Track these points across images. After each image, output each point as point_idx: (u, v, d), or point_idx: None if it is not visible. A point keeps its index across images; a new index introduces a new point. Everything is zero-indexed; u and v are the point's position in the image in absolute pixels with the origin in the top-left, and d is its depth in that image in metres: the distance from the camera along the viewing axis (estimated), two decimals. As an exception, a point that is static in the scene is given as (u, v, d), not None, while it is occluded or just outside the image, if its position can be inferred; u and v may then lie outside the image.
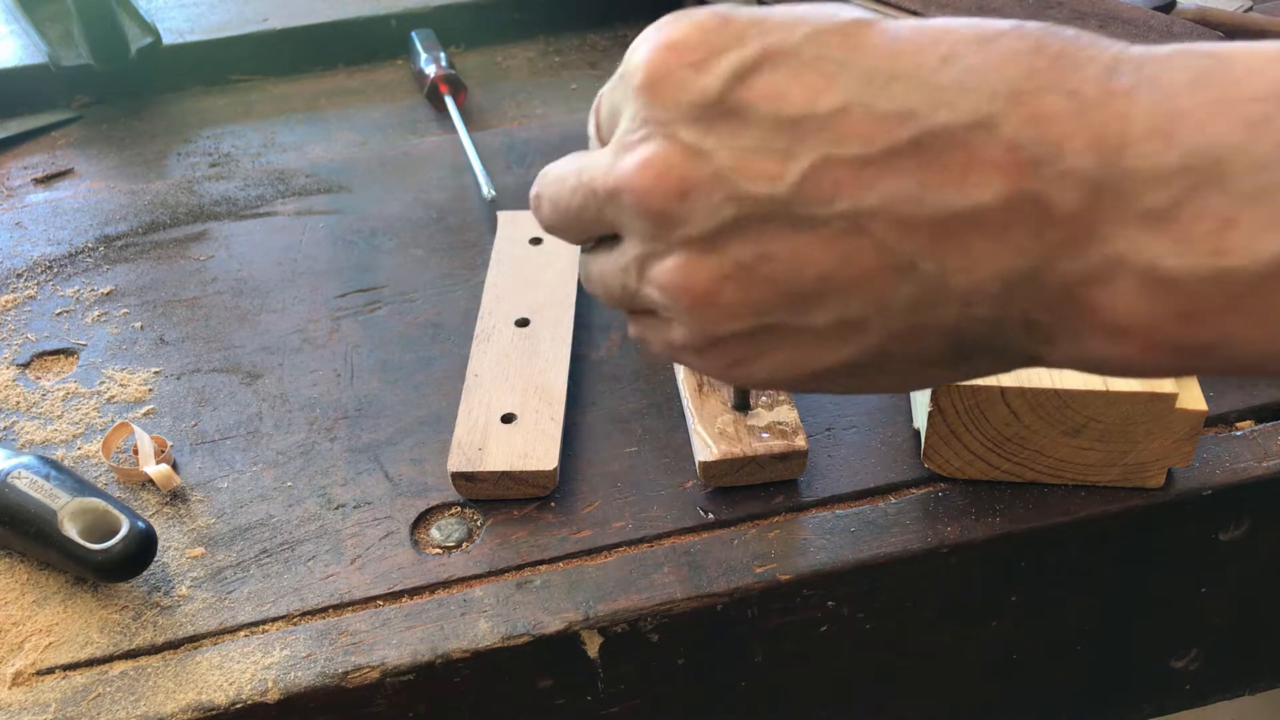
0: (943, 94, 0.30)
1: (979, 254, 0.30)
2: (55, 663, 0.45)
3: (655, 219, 0.33)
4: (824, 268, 0.32)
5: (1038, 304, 0.31)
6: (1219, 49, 0.29)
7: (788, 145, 0.31)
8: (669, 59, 0.33)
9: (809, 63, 0.32)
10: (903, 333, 0.32)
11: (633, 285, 0.36)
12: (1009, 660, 0.53)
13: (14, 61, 0.80)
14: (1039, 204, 0.29)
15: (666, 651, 0.47)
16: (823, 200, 0.31)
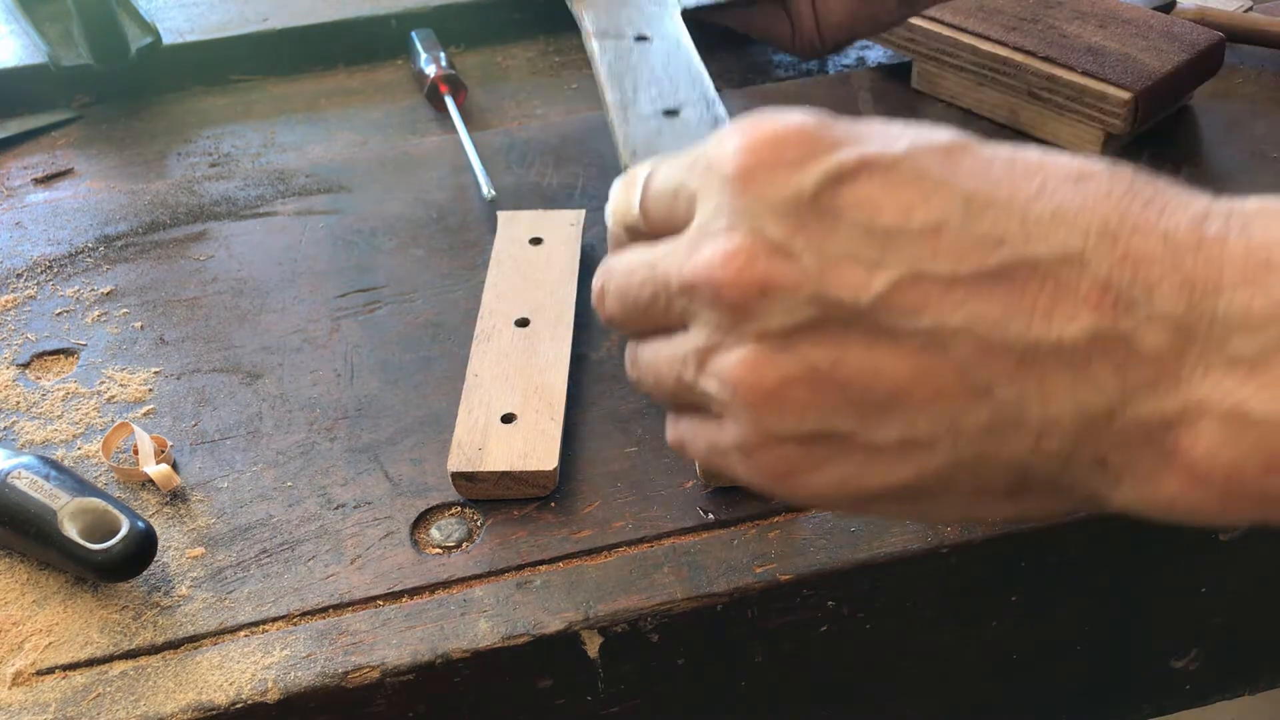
0: (1036, 226, 0.30)
1: (1059, 387, 0.30)
2: (55, 663, 0.45)
3: (731, 311, 0.33)
4: (899, 382, 0.31)
5: (1113, 443, 0.31)
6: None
7: (878, 255, 0.31)
8: (765, 154, 0.33)
9: (906, 177, 0.32)
10: (970, 460, 0.32)
11: (689, 376, 0.35)
12: (1009, 660, 0.53)
13: (14, 61, 0.80)
14: (1126, 344, 0.30)
15: (666, 651, 0.47)
16: (907, 314, 0.31)
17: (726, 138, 0.34)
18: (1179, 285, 0.29)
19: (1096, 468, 0.31)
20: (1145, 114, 0.68)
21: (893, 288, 0.31)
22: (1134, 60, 0.68)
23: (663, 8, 0.57)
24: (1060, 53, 0.69)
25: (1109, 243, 0.30)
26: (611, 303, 0.38)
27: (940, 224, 0.31)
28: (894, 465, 0.33)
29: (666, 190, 0.36)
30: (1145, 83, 0.67)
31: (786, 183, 0.32)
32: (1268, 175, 0.68)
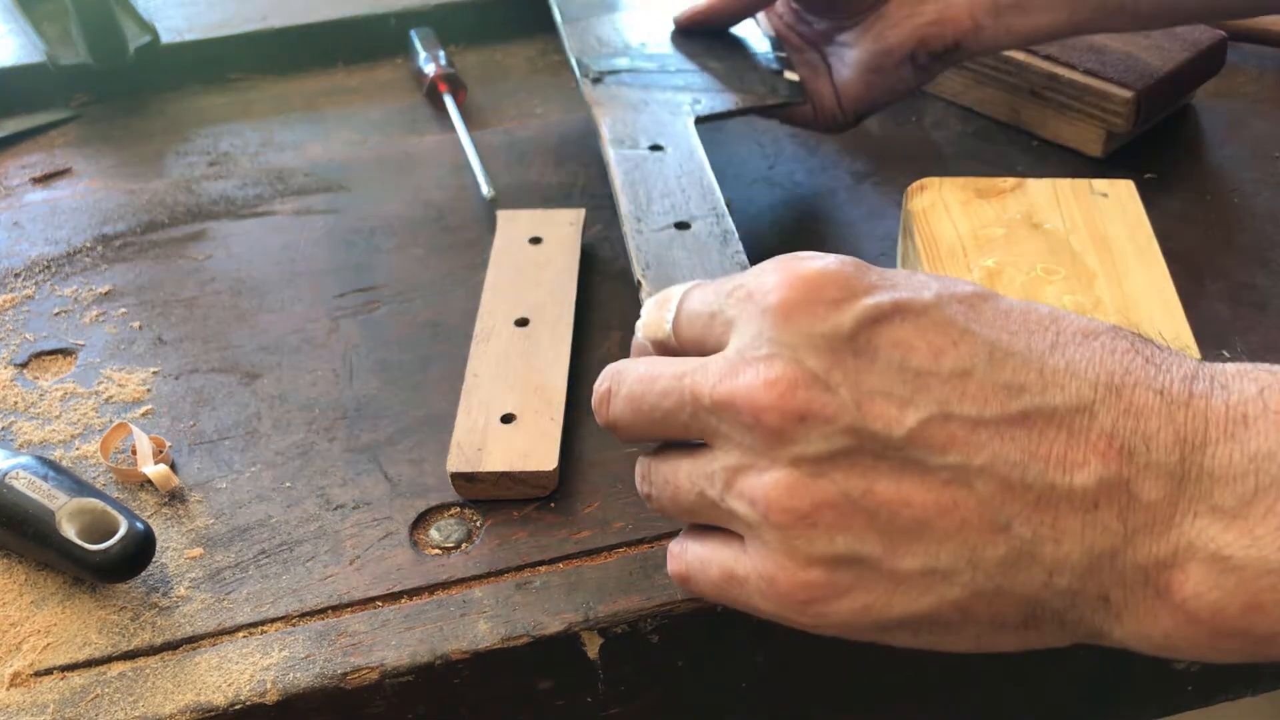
0: (1053, 376, 0.33)
1: (1069, 528, 0.33)
2: (53, 663, 0.45)
3: (768, 434, 0.34)
4: (925, 512, 0.33)
5: (1115, 581, 0.33)
6: (1275, 368, 0.33)
7: (910, 394, 0.34)
8: (807, 291, 0.35)
9: (936, 323, 0.34)
10: (987, 592, 0.34)
11: (713, 494, 0.36)
12: (1009, 660, 0.53)
13: (12, 60, 0.80)
14: (1128, 490, 0.32)
15: (667, 652, 0.47)
16: (935, 450, 0.33)
17: (767, 273, 0.36)
18: (1173, 437, 0.32)
19: (1100, 604, 0.34)
20: (1147, 113, 0.68)
21: (923, 424, 0.33)
22: (1135, 59, 0.68)
23: (677, 116, 0.60)
24: (1062, 51, 0.69)
25: (1114, 396, 0.33)
26: (620, 405, 0.39)
27: (968, 369, 0.34)
28: (916, 594, 0.34)
29: (702, 313, 0.38)
30: (1147, 81, 0.67)
31: (826, 319, 0.34)
32: (1268, 175, 0.68)
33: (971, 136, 0.72)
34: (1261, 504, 0.31)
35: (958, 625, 0.35)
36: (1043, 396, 0.33)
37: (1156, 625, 0.33)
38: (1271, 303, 0.59)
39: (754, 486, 0.35)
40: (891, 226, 0.64)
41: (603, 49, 0.65)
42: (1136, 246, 0.55)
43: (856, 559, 0.34)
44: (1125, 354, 0.34)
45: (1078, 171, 0.68)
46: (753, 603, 0.37)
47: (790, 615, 0.36)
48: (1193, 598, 0.32)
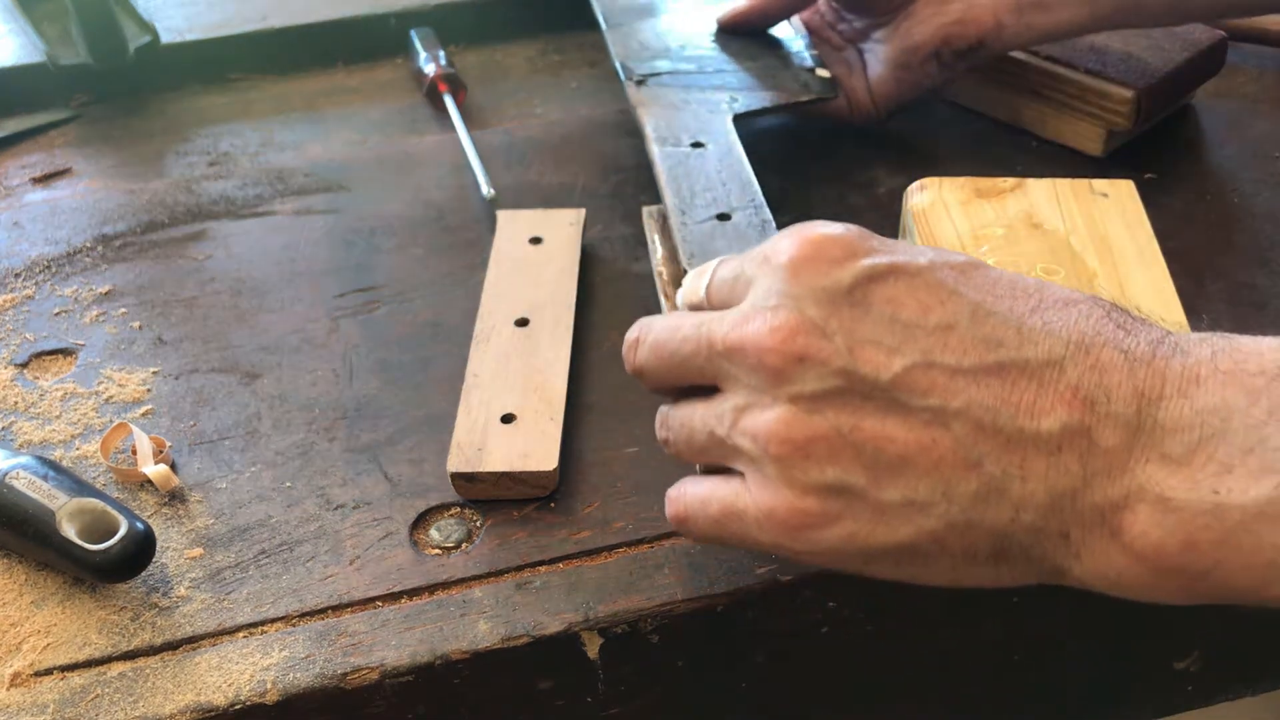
0: (1029, 335, 0.37)
1: (1034, 468, 0.36)
2: (53, 663, 0.45)
3: (770, 374, 0.38)
4: (906, 449, 0.37)
5: (1075, 520, 0.36)
6: (1234, 336, 0.37)
7: (898, 343, 0.37)
8: (814, 251, 0.39)
9: (928, 283, 0.38)
10: (960, 524, 0.37)
11: (722, 431, 0.40)
12: (1009, 661, 0.53)
13: (12, 60, 0.80)
14: (1088, 437, 0.36)
15: (667, 653, 0.47)
16: (917, 393, 0.37)
17: (781, 237, 0.40)
18: (1132, 392, 0.36)
19: (1061, 541, 0.37)
20: (1148, 112, 0.68)
21: (908, 370, 0.37)
22: (1136, 59, 0.68)
23: (716, 114, 0.63)
24: (1062, 51, 0.69)
25: (1083, 353, 0.36)
26: (645, 352, 0.43)
27: (951, 324, 0.37)
28: (897, 524, 0.38)
29: (729, 277, 0.42)
30: (1148, 81, 0.67)
31: (828, 275, 0.38)
32: (1268, 175, 0.68)
33: (971, 136, 0.72)
34: (1203, 452, 0.35)
35: (934, 556, 0.38)
36: (1018, 351, 0.37)
37: (1110, 563, 0.36)
38: (1271, 303, 0.59)
39: (756, 422, 0.39)
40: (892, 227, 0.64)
41: (645, 52, 0.69)
42: (1136, 246, 0.55)
43: (845, 488, 0.38)
44: (1099, 319, 0.37)
45: (1077, 171, 0.68)
46: (750, 534, 0.40)
47: (785, 542, 0.39)
48: (1139, 536, 0.35)
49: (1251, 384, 0.35)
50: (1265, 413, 0.34)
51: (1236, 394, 0.35)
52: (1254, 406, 0.34)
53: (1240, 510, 0.34)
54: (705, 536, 0.42)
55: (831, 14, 0.71)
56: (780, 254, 0.39)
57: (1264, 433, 0.34)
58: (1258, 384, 0.35)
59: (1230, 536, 0.34)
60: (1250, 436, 0.34)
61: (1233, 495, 0.34)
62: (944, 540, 0.38)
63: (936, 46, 0.65)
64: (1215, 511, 0.34)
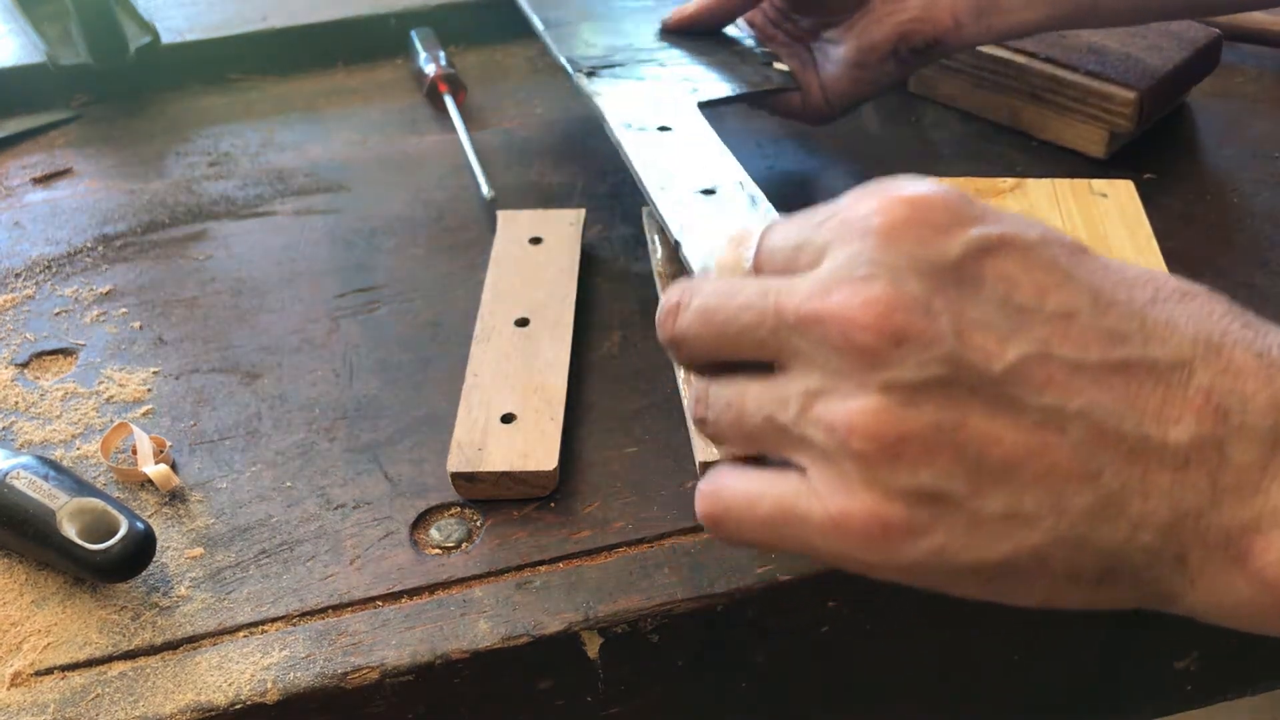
0: (1155, 329, 0.33)
1: (1158, 483, 0.32)
2: (54, 663, 0.45)
3: (859, 355, 0.33)
4: (1015, 452, 0.32)
5: (1196, 541, 0.32)
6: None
7: (1012, 329, 0.32)
8: (912, 213, 0.33)
9: (1042, 261, 0.33)
10: (1069, 542, 0.33)
11: (785, 419, 0.34)
12: (1009, 660, 0.53)
13: (12, 61, 0.80)
14: (1220, 451, 0.32)
15: (667, 652, 0.47)
16: (1032, 389, 0.32)
17: (864, 198, 0.35)
18: (1269, 401, 0.32)
19: (1177, 565, 0.33)
20: (1149, 113, 0.68)
21: (1023, 361, 0.32)
22: (1135, 59, 0.68)
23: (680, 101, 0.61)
24: (1062, 53, 0.69)
25: (1214, 354, 0.32)
26: (690, 318, 0.37)
27: (1072, 312, 0.33)
28: (995, 539, 0.33)
29: (788, 245, 0.36)
30: (1149, 82, 0.67)
31: (933, 244, 0.33)
32: (1268, 175, 0.68)
33: (971, 137, 0.72)
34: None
35: (1032, 575, 0.34)
36: (1144, 348, 0.32)
37: (1230, 591, 0.32)
38: (1271, 303, 0.59)
39: (836, 411, 0.33)
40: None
41: (590, 49, 0.66)
42: (1136, 246, 0.55)
43: (939, 496, 0.33)
44: (1224, 316, 0.33)
45: (1077, 172, 0.68)
46: (811, 541, 0.35)
47: (858, 554, 0.34)
48: (1272, 564, 0.31)
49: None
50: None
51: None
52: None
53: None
54: (750, 540, 0.37)
55: (775, 13, 0.69)
56: (868, 215, 0.34)
57: None
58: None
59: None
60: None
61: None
62: (1048, 559, 0.33)
63: (894, 44, 0.63)
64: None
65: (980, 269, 0.33)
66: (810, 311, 0.33)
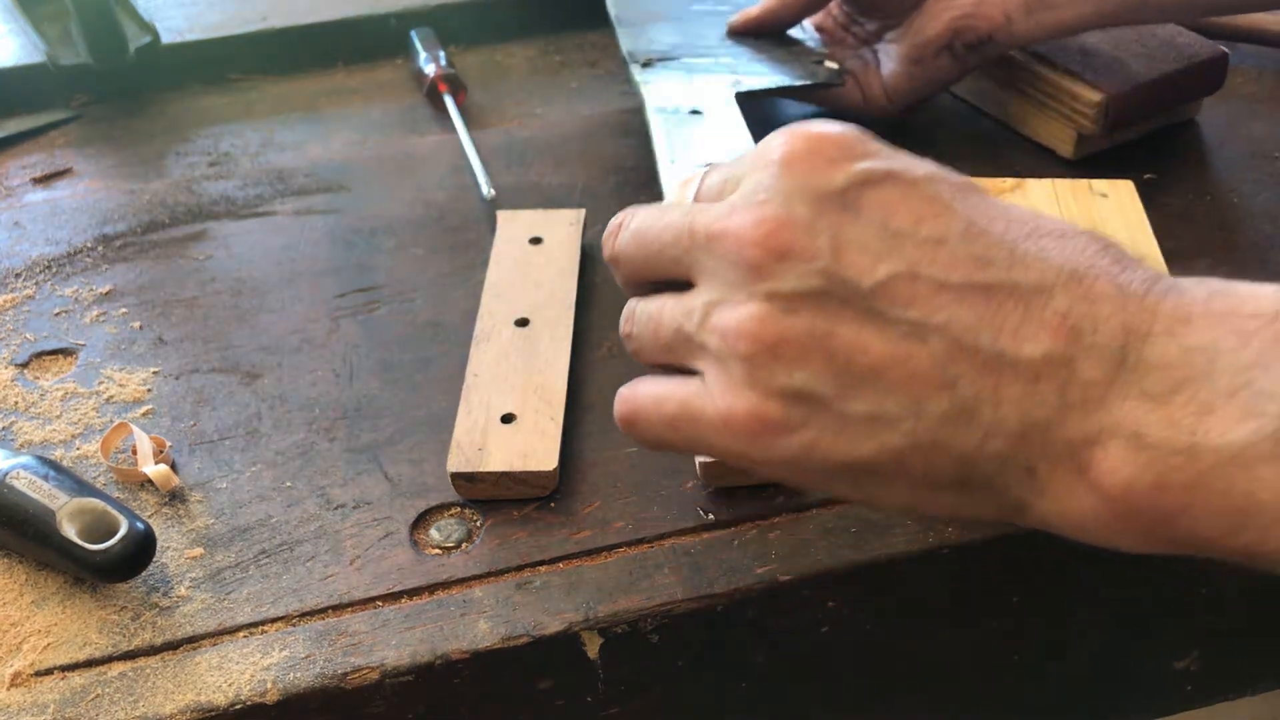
0: (1021, 259, 0.36)
1: (1010, 394, 0.35)
2: (54, 663, 0.45)
3: (748, 268, 0.37)
4: (879, 360, 0.36)
5: (1043, 453, 0.35)
6: (1232, 281, 0.35)
7: (884, 250, 0.36)
8: (808, 147, 0.37)
9: (923, 195, 0.37)
10: (925, 444, 0.36)
11: (689, 327, 0.39)
12: (1010, 660, 0.53)
13: (12, 61, 0.80)
14: (1069, 367, 0.34)
15: (667, 652, 0.47)
16: (899, 304, 0.36)
17: (776, 134, 0.39)
18: (1120, 326, 0.34)
19: (1026, 475, 0.35)
20: (1119, 118, 0.67)
21: (892, 278, 0.36)
22: (1120, 64, 0.68)
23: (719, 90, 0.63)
24: (1051, 50, 0.69)
25: (1075, 282, 0.35)
26: (625, 237, 0.42)
27: (942, 238, 0.36)
28: (859, 438, 0.36)
29: (718, 181, 0.41)
30: (1121, 87, 0.66)
31: (822, 174, 0.37)
32: (1268, 175, 0.68)
33: (971, 136, 0.72)
34: (1185, 392, 0.33)
35: (894, 476, 0.37)
36: (1008, 273, 0.35)
37: (1074, 502, 0.35)
38: (1271, 303, 0.59)
39: (727, 318, 0.37)
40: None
41: (653, 45, 0.69)
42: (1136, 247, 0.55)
43: (811, 395, 0.36)
44: (1095, 252, 0.36)
45: (1077, 172, 0.68)
46: (705, 438, 0.39)
47: (741, 448, 0.38)
48: (1108, 473, 0.34)
49: (1244, 326, 0.33)
50: (1254, 355, 0.33)
51: (1227, 336, 0.33)
52: (1244, 349, 0.33)
53: (1215, 453, 0.32)
54: (656, 440, 0.41)
55: (844, 17, 0.73)
56: (773, 150, 0.38)
57: (1250, 375, 0.33)
58: (1250, 327, 0.33)
59: (1202, 479, 0.33)
60: (1235, 379, 0.33)
61: (1210, 437, 0.33)
62: (906, 460, 0.36)
63: (948, 40, 0.66)
64: (1190, 452, 0.33)
65: (862, 198, 0.37)
66: (716, 230, 0.38)
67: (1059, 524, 0.36)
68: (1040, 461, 0.35)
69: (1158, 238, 0.55)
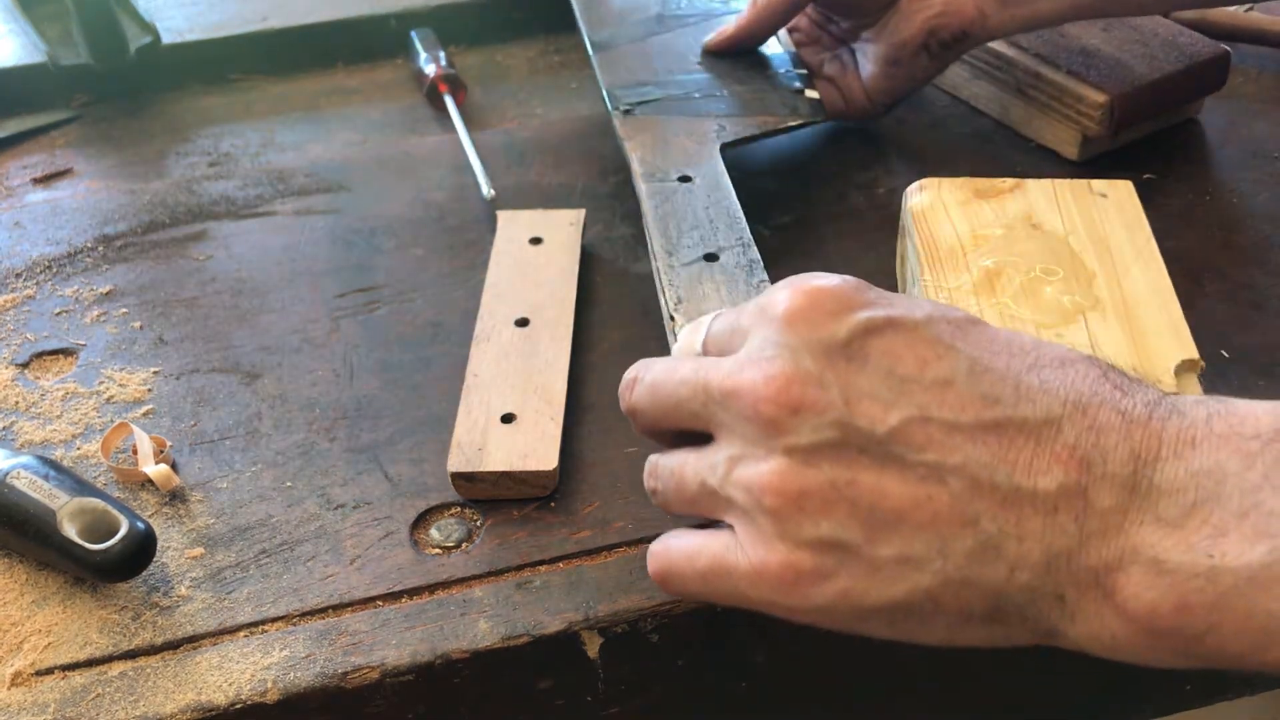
0: (1027, 393, 0.37)
1: (1031, 527, 0.36)
2: (54, 663, 0.45)
3: (765, 424, 0.38)
4: (901, 503, 0.36)
5: (1070, 580, 0.36)
6: (1230, 399, 0.37)
7: (894, 397, 0.37)
8: (809, 302, 0.39)
9: (925, 338, 0.38)
10: (956, 582, 0.37)
11: (714, 482, 0.39)
12: (1009, 660, 0.53)
13: (13, 61, 0.80)
14: (1084, 497, 0.36)
15: (666, 652, 0.47)
16: (914, 448, 0.37)
17: (778, 289, 0.40)
18: (1128, 453, 0.36)
19: (1056, 603, 0.36)
20: (1124, 119, 0.67)
21: (905, 424, 0.37)
22: (1122, 65, 0.68)
23: (704, 145, 0.63)
24: (1052, 51, 0.69)
25: (1080, 413, 0.36)
26: (642, 392, 0.43)
27: (949, 379, 0.37)
28: (891, 581, 0.37)
29: (725, 331, 0.42)
30: (1125, 88, 0.66)
31: (825, 327, 0.38)
32: (1268, 175, 0.68)
33: (971, 137, 0.72)
34: (1198, 515, 0.34)
35: (929, 615, 0.37)
36: (1015, 408, 0.37)
37: (1104, 626, 0.36)
38: (1270, 302, 0.59)
39: (750, 474, 0.38)
40: (891, 227, 0.64)
41: (632, 79, 0.68)
42: (1135, 247, 0.55)
43: (839, 544, 0.37)
44: (1096, 380, 0.37)
45: (1076, 172, 0.68)
46: (740, 590, 0.39)
47: (777, 598, 0.38)
48: (1132, 598, 0.35)
49: (1247, 448, 0.35)
50: (1260, 476, 0.34)
51: (1231, 457, 0.35)
52: (1249, 470, 0.34)
53: (1233, 574, 0.34)
54: (692, 593, 0.41)
55: (820, 17, 0.73)
56: (776, 305, 0.39)
57: (1259, 497, 0.34)
58: (1253, 448, 0.35)
59: (1224, 600, 0.34)
60: (1245, 500, 0.34)
61: (1227, 559, 0.34)
62: (939, 599, 0.37)
63: (924, 39, 0.66)
64: (1209, 575, 0.34)
65: (866, 347, 0.38)
66: (729, 387, 0.39)
67: (1092, 647, 0.37)
68: (1068, 589, 0.36)
69: (1158, 238, 0.55)
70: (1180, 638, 0.35)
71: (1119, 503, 0.35)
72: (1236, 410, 0.36)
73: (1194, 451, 0.35)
